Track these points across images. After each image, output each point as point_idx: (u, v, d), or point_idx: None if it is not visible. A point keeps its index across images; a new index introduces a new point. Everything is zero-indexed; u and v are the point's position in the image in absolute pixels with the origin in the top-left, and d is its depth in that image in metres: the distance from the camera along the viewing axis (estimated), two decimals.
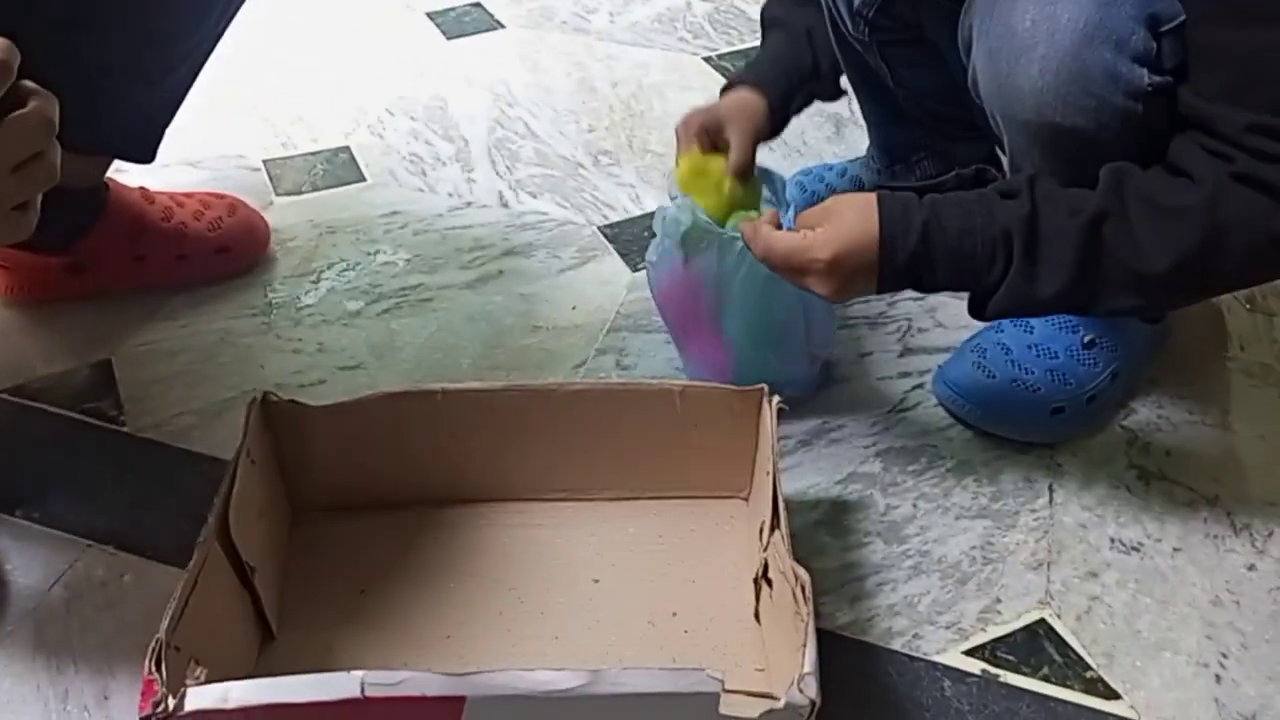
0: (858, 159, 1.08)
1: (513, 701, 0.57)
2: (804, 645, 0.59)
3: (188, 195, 1.00)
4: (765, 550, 0.68)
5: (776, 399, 0.72)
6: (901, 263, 0.68)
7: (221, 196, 1.01)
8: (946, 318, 0.97)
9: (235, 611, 0.67)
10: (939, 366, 0.90)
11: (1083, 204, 0.66)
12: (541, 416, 0.75)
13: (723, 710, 0.57)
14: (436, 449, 0.76)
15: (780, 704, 0.57)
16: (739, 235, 0.76)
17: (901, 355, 0.94)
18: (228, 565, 0.65)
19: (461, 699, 0.57)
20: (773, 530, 0.67)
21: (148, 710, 0.55)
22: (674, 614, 0.73)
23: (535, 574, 0.76)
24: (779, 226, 0.72)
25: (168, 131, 0.88)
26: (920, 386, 0.91)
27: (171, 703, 0.55)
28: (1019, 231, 0.66)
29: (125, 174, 0.98)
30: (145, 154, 0.88)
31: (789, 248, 0.70)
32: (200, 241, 0.97)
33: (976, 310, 0.71)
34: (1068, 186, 0.67)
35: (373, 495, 0.78)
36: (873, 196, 0.70)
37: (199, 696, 0.55)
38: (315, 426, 0.73)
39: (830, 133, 1.22)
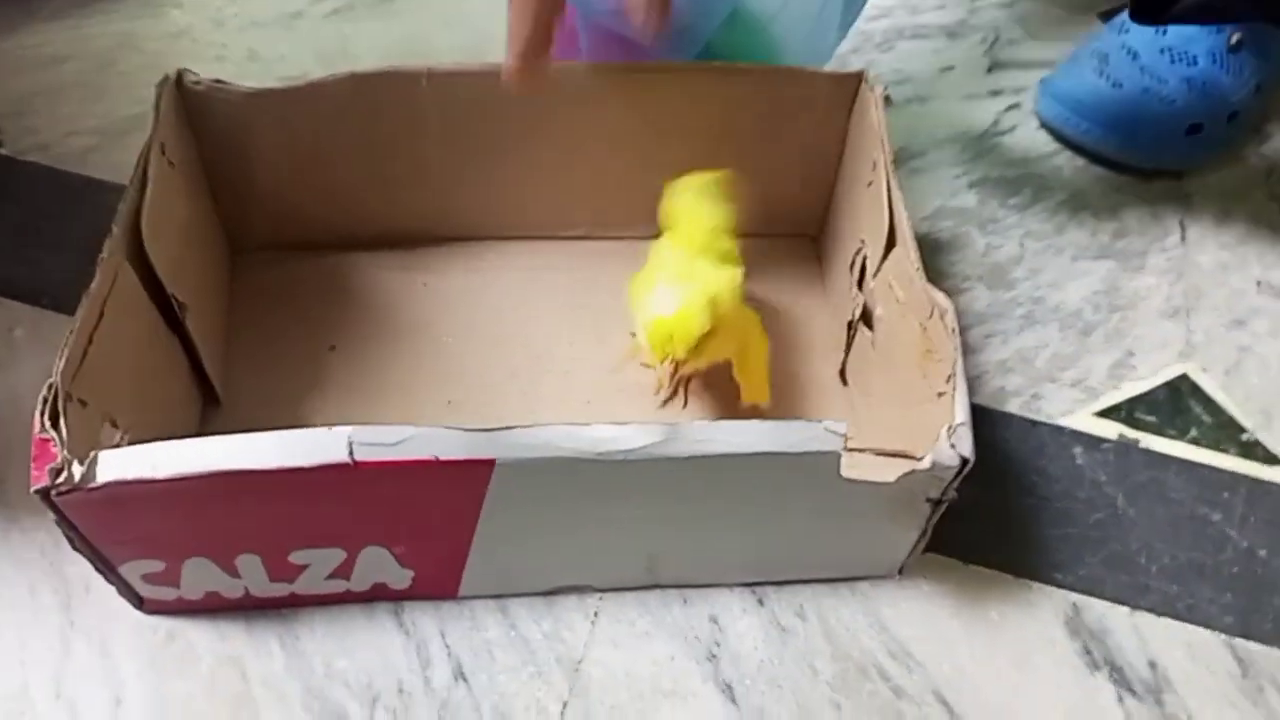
0: None
1: (560, 468, 0.41)
2: (952, 390, 0.43)
3: None
4: (873, 278, 0.52)
5: (882, 86, 0.54)
6: None
7: None
8: (1040, 28, 0.78)
9: (163, 363, 0.50)
10: (1042, 80, 0.72)
11: None
12: (562, 114, 0.56)
13: (845, 473, 0.42)
14: (421, 162, 0.58)
15: (925, 463, 0.42)
16: None
17: (990, 70, 0.76)
18: (145, 297, 0.47)
19: (489, 463, 0.41)
20: (887, 252, 0.50)
21: (44, 481, 0.38)
22: (733, 379, 0.58)
23: (554, 326, 0.59)
24: None
25: None
26: (1016, 106, 0.73)
27: (77, 470, 0.38)
28: None
29: None
30: None
31: None
32: None
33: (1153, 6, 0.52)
34: None
35: (337, 226, 0.60)
36: None
37: (116, 462, 0.39)
38: (254, 123, 0.54)
39: None
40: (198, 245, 0.54)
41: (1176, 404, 0.59)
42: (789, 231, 0.64)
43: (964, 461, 0.42)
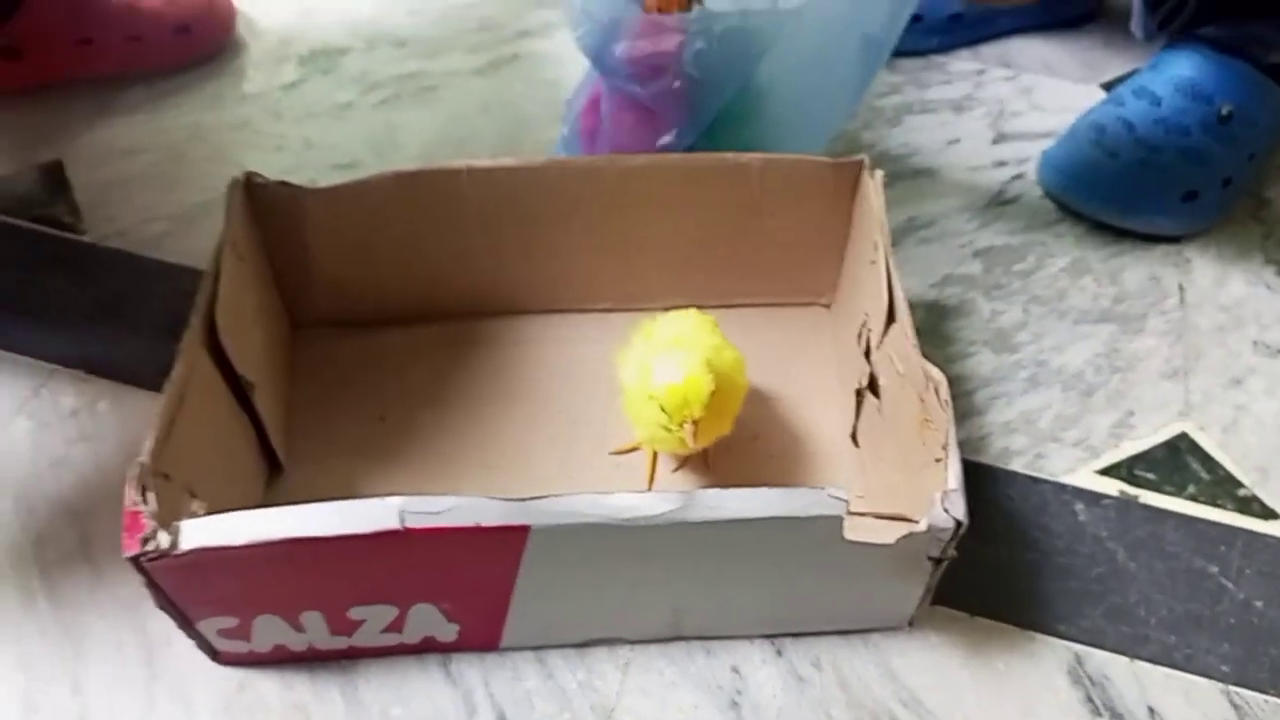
0: None
1: (589, 533, 0.46)
2: (945, 457, 0.47)
3: None
4: (877, 349, 0.56)
5: (880, 172, 0.59)
6: None
7: None
8: (1044, 98, 0.83)
9: (234, 437, 0.55)
10: (1044, 151, 0.76)
11: None
12: (589, 199, 0.62)
13: (848, 535, 0.46)
14: (462, 247, 0.63)
15: (921, 526, 0.46)
16: None
17: (995, 142, 0.80)
18: (219, 379, 0.53)
19: (524, 529, 0.45)
20: (887, 328, 0.55)
21: (135, 549, 0.44)
22: (755, 437, 0.62)
23: (588, 394, 0.64)
24: None
25: None
26: (1020, 177, 0.77)
27: (164, 539, 0.43)
28: None
29: None
30: None
31: None
32: (155, 19, 0.81)
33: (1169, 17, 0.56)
34: None
35: (385, 305, 0.66)
36: None
37: (199, 531, 0.44)
38: (312, 217, 0.59)
39: None
40: (264, 325, 0.60)
41: (1175, 461, 0.62)
42: (805, 300, 0.68)
43: (958, 524, 0.46)
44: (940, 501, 0.46)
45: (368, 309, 0.65)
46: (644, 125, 0.65)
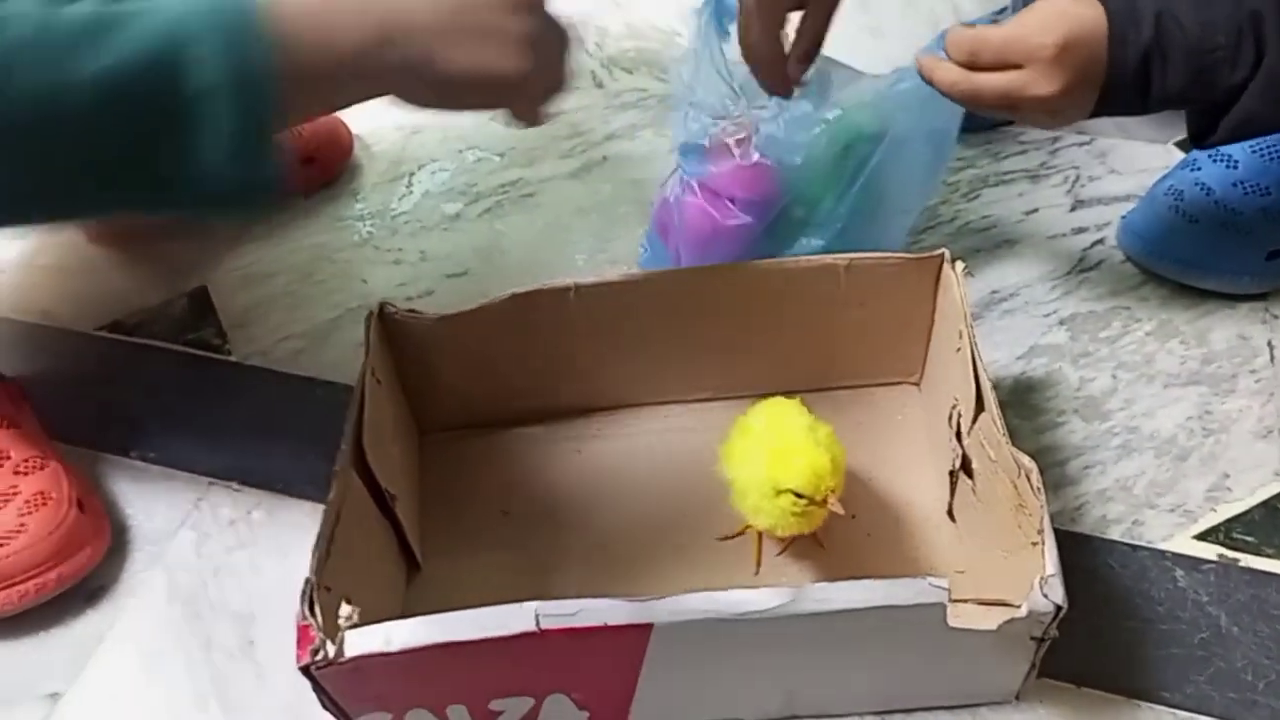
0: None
1: (706, 626, 0.50)
2: (1042, 542, 0.50)
3: None
4: (967, 436, 0.59)
5: (961, 264, 0.62)
6: (1133, 62, 0.56)
7: None
8: (1120, 162, 0.85)
9: (379, 543, 0.61)
10: (1123, 217, 0.78)
11: None
12: (685, 306, 0.67)
13: (952, 622, 0.49)
14: (569, 353, 0.69)
15: (1022, 611, 0.49)
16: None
17: (1073, 209, 0.82)
18: (367, 495, 0.59)
19: (648, 626, 0.50)
20: (977, 415, 0.58)
21: (306, 659, 0.49)
22: (853, 517, 0.65)
23: (692, 483, 0.68)
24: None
25: None
26: (1101, 242, 0.79)
27: (331, 649, 0.49)
28: (1275, 11, 0.54)
29: None
30: None
31: (1005, 35, 0.58)
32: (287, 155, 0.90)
33: (1204, 130, 0.59)
34: None
35: (501, 410, 0.71)
36: None
37: (359, 640, 0.50)
38: (438, 338, 0.66)
39: None
40: (399, 438, 0.66)
41: (1274, 522, 0.63)
42: (895, 380, 0.71)
43: (1058, 608, 0.48)
44: (1039, 587, 0.48)
45: (486, 413, 0.71)
46: (711, 208, 0.70)
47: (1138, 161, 0.85)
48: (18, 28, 0.47)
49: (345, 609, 0.55)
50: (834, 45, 0.66)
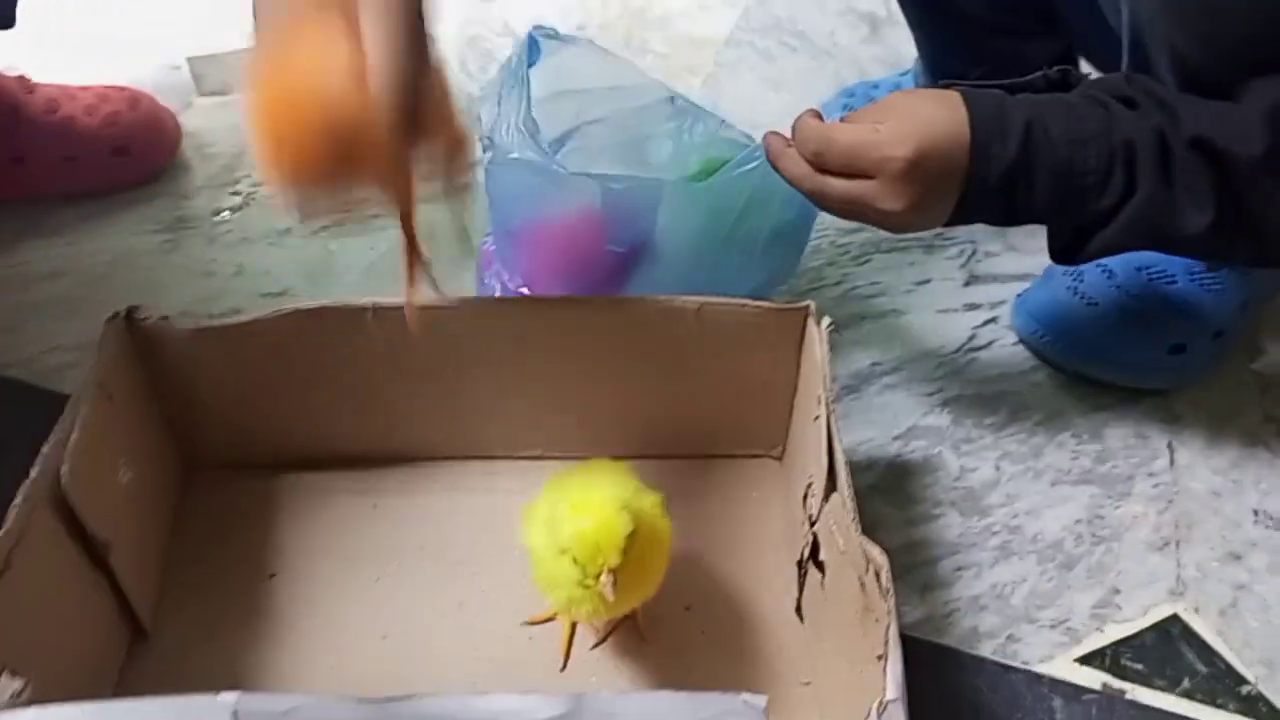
0: (907, 71, 0.88)
1: None
2: (884, 657, 0.40)
3: (82, 88, 0.81)
4: (815, 523, 0.49)
5: (827, 320, 0.53)
6: (996, 177, 0.50)
7: (123, 89, 0.82)
8: (1019, 239, 0.78)
9: (86, 601, 0.49)
10: (1018, 296, 0.71)
11: (1241, 125, 0.48)
12: (512, 341, 0.56)
13: None
14: (370, 387, 0.58)
15: None
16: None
17: (967, 284, 0.75)
18: (66, 538, 0.47)
19: None
20: (827, 495, 0.48)
21: None
22: (686, 608, 0.55)
23: (503, 552, 0.57)
24: None
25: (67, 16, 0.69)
26: (994, 321, 0.72)
27: None
28: (1150, 145, 0.49)
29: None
30: None
31: (852, 141, 0.51)
32: (92, 141, 0.78)
33: (1069, 249, 0.54)
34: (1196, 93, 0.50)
35: (289, 448, 0.59)
36: (952, 91, 0.52)
37: None
38: (197, 355, 0.54)
39: (865, 34, 1.03)
40: (140, 471, 0.54)
41: (1167, 650, 0.54)
42: (755, 452, 0.62)
43: None
44: (876, 714, 0.38)
45: (263, 452, 0.59)
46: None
47: (1039, 241, 0.77)
48: None
49: (8, 683, 0.42)
50: (734, 97, 0.58)
